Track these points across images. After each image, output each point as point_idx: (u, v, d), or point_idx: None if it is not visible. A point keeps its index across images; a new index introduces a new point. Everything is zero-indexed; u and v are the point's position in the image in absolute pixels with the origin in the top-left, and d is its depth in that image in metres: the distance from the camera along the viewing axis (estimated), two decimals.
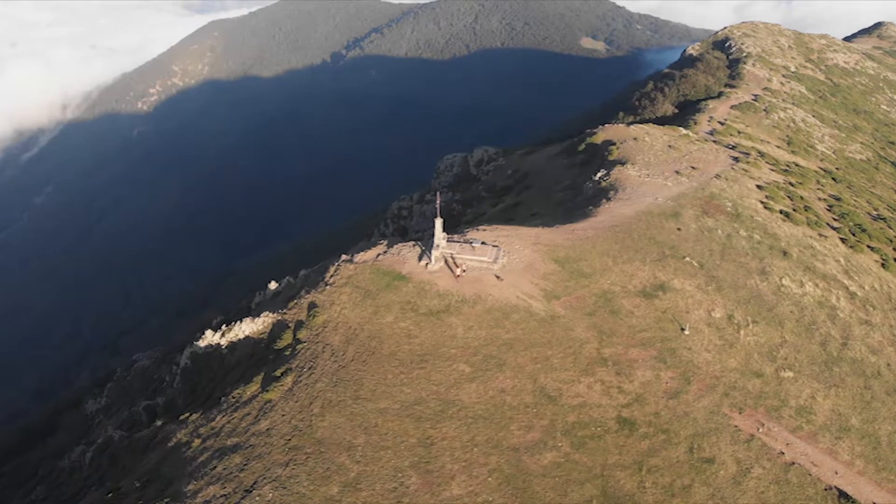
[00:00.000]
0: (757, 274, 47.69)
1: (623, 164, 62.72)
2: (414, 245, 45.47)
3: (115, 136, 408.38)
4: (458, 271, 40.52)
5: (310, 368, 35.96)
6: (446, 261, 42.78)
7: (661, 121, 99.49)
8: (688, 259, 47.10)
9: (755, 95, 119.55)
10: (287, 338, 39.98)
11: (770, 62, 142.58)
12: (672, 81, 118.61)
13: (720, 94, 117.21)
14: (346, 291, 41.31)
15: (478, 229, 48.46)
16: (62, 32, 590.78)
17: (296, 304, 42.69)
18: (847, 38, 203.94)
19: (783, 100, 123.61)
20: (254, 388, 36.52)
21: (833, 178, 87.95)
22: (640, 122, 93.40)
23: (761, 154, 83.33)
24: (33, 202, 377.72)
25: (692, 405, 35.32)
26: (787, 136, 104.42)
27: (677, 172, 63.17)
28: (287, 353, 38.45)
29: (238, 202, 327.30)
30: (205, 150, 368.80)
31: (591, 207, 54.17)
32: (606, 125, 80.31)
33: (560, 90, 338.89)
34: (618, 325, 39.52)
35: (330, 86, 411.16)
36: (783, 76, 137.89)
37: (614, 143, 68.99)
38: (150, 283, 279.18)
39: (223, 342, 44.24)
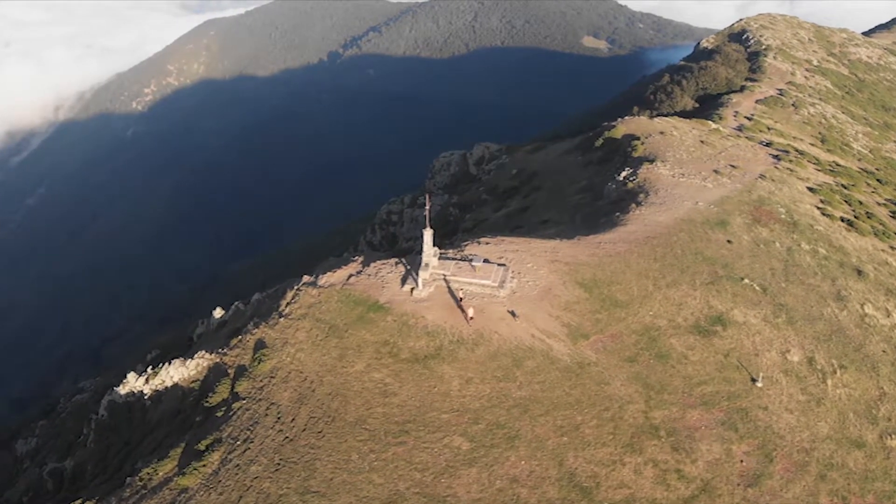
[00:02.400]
0: (832, 300, 37.48)
1: (651, 161, 52.64)
2: (396, 263, 35.26)
3: (109, 137, 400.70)
4: (469, 312, 30.24)
5: (245, 441, 25.74)
6: (450, 288, 32.51)
7: (682, 116, 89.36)
8: (747, 281, 36.88)
9: (780, 90, 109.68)
10: (222, 391, 29.77)
11: (791, 55, 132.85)
12: (690, 74, 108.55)
13: (742, 88, 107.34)
14: (304, 327, 31.12)
15: (478, 242, 38.25)
16: (57, 32, 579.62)
17: (240, 341, 32.48)
18: (865, 34, 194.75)
19: (809, 95, 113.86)
20: (169, 466, 26.32)
21: (878, 180, 77.91)
22: (659, 116, 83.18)
23: (800, 152, 73.40)
24: (25, 204, 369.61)
25: (780, 495, 25.10)
26: (820, 133, 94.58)
27: (716, 172, 53.03)
28: (219, 413, 28.26)
29: (232, 203, 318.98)
30: (199, 151, 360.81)
31: (618, 214, 44.00)
32: (626, 118, 70.14)
33: (562, 89, 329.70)
34: (669, 375, 29.30)
35: (327, 85, 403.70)
36: (806, 70, 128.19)
37: (638, 138, 58.93)
38: (140, 286, 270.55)
39: (147, 390, 34.05)
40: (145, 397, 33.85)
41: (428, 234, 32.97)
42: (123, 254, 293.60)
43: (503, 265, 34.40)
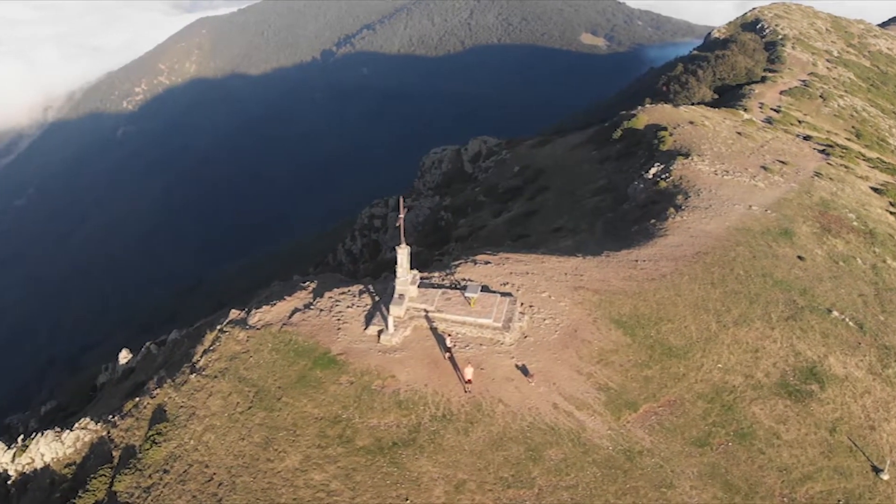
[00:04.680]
0: None
1: (686, 155, 43.20)
2: (361, 292, 25.55)
3: (99, 137, 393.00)
4: (467, 372, 20.54)
5: None
6: (433, 330, 22.90)
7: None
8: (836, 314, 27.31)
9: (804, 81, 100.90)
10: (97, 487, 20.08)
11: (811, 45, 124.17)
12: (706, 63, 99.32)
13: (764, 79, 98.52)
14: (220, 390, 21.44)
15: (474, 260, 28.54)
16: (47, 31, 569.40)
17: (135, 406, 22.79)
18: (880, 25, 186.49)
19: (834, 87, 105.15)
20: None
21: None
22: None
23: (844, 148, 64.28)
24: (14, 205, 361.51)
25: None
26: (854, 126, 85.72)
27: (764, 168, 43.54)
28: None
29: (224, 203, 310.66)
30: (190, 150, 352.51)
31: (653, 221, 34.41)
32: (647, 105, 60.62)
33: (561, 87, 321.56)
34: (758, 467, 19.66)
35: (320, 84, 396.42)
36: (827, 61, 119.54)
37: (665, 128, 49.50)
38: (129, 289, 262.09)
39: (12, 470, 24.34)
40: (9, 481, 24.16)
41: (403, 253, 23.37)
42: (113, 255, 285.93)
43: (509, 295, 24.74)
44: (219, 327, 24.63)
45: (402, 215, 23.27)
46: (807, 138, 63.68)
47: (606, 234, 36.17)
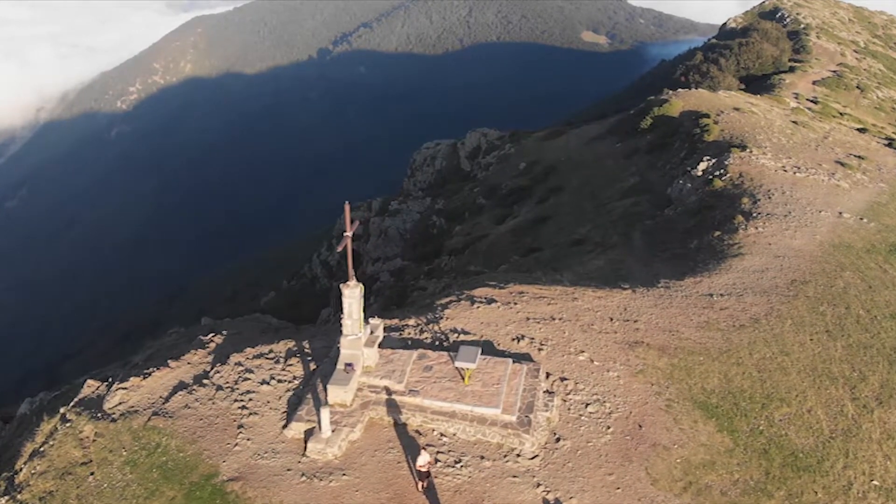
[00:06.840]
0: None
1: (742, 147, 33.97)
2: (290, 355, 16.22)
3: (93, 137, 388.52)
4: None
5: None
6: (398, 427, 13.68)
7: None
8: None
9: (835, 71, 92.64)
10: None
11: (835, 35, 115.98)
12: (728, 52, 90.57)
13: (792, 69, 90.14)
14: None
15: (470, 298, 19.19)
16: (40, 31, 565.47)
17: None
18: None
19: (867, 78, 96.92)
20: None
21: None
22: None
23: None
24: (5, 206, 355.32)
25: None
26: None
27: (841, 164, 34.38)
28: None
29: (219, 204, 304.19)
30: (184, 150, 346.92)
31: (718, 234, 25.19)
32: (679, 90, 51.47)
33: (564, 85, 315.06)
34: None
35: (316, 83, 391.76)
36: (854, 51, 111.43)
37: (707, 115, 40.33)
38: (118, 294, 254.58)
39: None
40: None
41: (352, 296, 14.16)
42: (105, 258, 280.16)
43: (527, 360, 15.46)
44: (62, 411, 15.32)
45: (348, 233, 14.10)
46: (861, 130, 54.98)
47: (651, 249, 26.87)
